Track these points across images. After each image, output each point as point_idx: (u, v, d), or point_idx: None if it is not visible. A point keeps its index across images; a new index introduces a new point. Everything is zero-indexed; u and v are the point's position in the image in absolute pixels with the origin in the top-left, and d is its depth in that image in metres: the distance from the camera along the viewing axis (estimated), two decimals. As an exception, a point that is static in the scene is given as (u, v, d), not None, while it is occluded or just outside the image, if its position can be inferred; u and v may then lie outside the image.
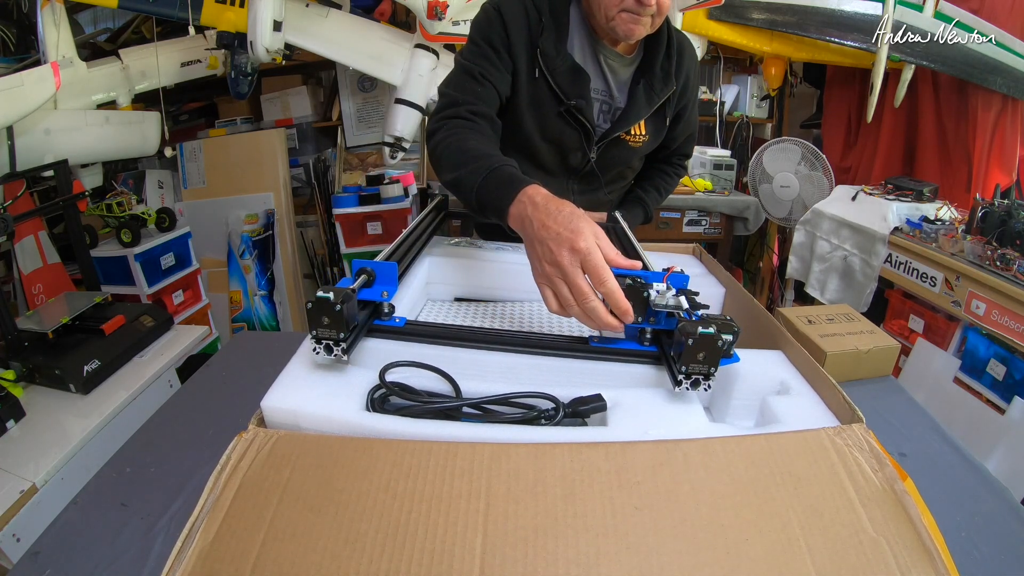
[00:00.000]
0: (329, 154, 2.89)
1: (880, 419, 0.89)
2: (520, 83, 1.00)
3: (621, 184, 1.23)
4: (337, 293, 0.53)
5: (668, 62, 1.04)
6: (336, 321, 0.53)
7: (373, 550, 0.39)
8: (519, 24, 0.98)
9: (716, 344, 0.52)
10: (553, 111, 1.01)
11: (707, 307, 0.58)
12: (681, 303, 0.57)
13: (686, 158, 1.31)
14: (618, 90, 1.06)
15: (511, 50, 0.98)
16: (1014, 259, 1.42)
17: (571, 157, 1.09)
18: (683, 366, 0.53)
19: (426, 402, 0.53)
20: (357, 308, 0.58)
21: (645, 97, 1.04)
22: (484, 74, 0.96)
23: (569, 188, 1.16)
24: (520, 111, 1.03)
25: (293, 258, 2.72)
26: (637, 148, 1.11)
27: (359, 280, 0.61)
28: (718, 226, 2.51)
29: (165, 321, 1.62)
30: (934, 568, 0.38)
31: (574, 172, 1.13)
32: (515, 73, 1.00)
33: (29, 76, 1.60)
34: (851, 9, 2.13)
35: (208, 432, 0.87)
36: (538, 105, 1.02)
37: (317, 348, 0.54)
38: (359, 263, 0.63)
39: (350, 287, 0.57)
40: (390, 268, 0.62)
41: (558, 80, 0.99)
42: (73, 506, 0.73)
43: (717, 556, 0.39)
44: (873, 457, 0.46)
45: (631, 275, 0.60)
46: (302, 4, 2.01)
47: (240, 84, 2.16)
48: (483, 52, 0.99)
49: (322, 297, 0.52)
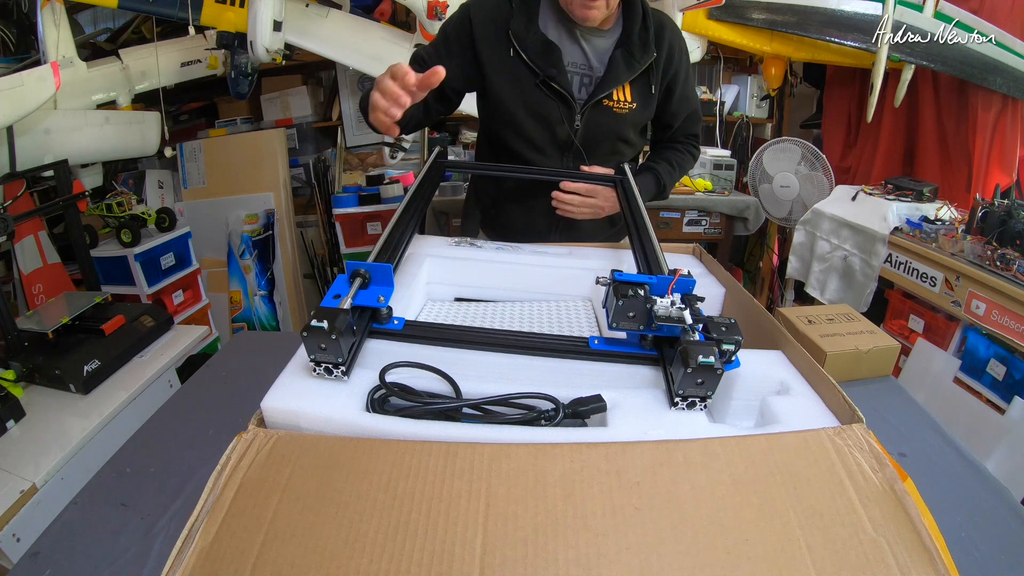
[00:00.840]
0: (329, 154, 2.89)
1: (880, 419, 0.89)
2: (494, 63, 1.11)
3: (617, 160, 1.23)
4: (331, 321, 0.51)
5: (645, 32, 1.11)
6: (332, 347, 0.52)
7: (373, 550, 0.39)
8: (488, 17, 1.10)
9: (715, 372, 0.51)
10: (531, 84, 1.10)
11: (711, 318, 0.57)
12: (684, 317, 0.56)
13: (695, 139, 1.31)
14: (598, 60, 1.13)
15: (474, 41, 1.10)
16: (1014, 259, 1.42)
17: (558, 130, 1.15)
18: (680, 389, 0.52)
19: (426, 403, 0.53)
20: (353, 327, 0.56)
21: (624, 63, 1.10)
22: (427, 60, 1.09)
23: (565, 166, 1.19)
24: (499, 87, 1.12)
25: (293, 258, 2.72)
26: (624, 116, 1.15)
27: (354, 286, 0.60)
28: (718, 226, 2.51)
29: (165, 321, 1.62)
30: (934, 568, 0.38)
31: (566, 147, 1.17)
32: (485, 57, 1.11)
33: (29, 76, 1.60)
34: (851, 9, 2.13)
35: (208, 432, 0.87)
36: (517, 80, 1.11)
37: (317, 369, 0.54)
38: (353, 264, 0.62)
39: (343, 302, 0.55)
40: (385, 269, 0.61)
41: (531, 55, 1.08)
42: (73, 506, 0.73)
43: (717, 556, 0.39)
44: (873, 457, 0.46)
45: (636, 281, 0.60)
46: (302, 4, 2.01)
47: (240, 84, 2.16)
48: (436, 44, 1.14)
49: (315, 327, 0.51)
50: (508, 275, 0.93)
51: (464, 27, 1.11)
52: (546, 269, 0.93)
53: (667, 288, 0.61)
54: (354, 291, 0.59)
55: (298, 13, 1.99)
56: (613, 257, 1.00)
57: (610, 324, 0.60)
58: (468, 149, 3.03)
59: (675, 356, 0.53)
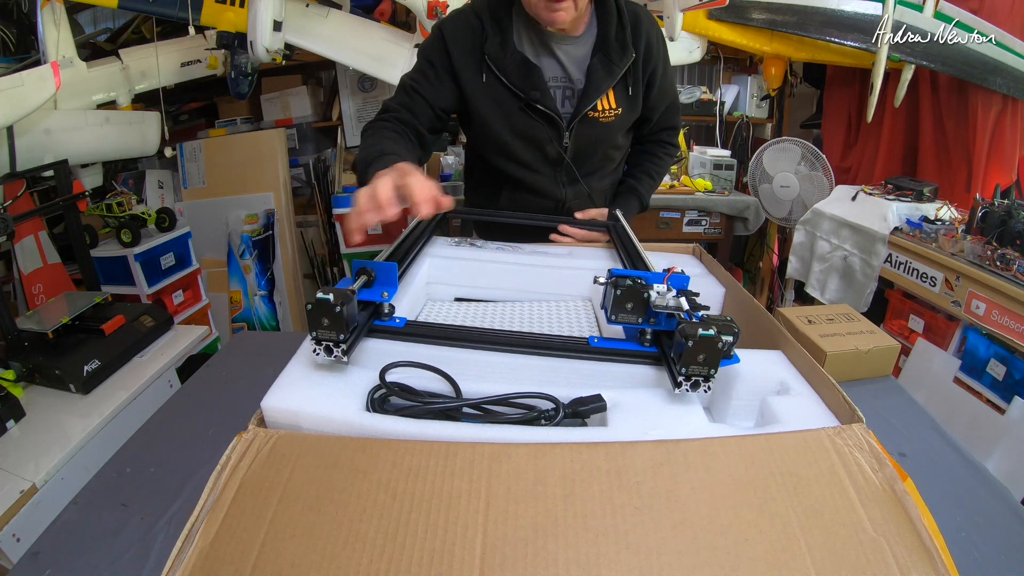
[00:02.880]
0: (329, 154, 2.89)
1: (880, 419, 0.89)
2: (475, 89, 1.07)
3: (611, 168, 1.22)
4: (337, 294, 0.53)
5: (623, 32, 1.07)
6: (336, 322, 0.53)
7: (373, 550, 0.39)
8: (461, 38, 1.06)
9: (716, 346, 0.52)
10: (515, 107, 1.07)
11: (707, 308, 0.58)
12: (681, 304, 0.57)
13: (674, 131, 1.28)
14: (577, 70, 1.09)
15: (452, 65, 1.06)
16: (1014, 259, 1.42)
17: (548, 148, 1.12)
18: (683, 367, 0.53)
19: (426, 402, 0.53)
20: (357, 309, 0.58)
21: (604, 70, 1.06)
22: (416, 88, 1.07)
23: (558, 181, 1.17)
24: (483, 113, 1.09)
25: (293, 258, 2.71)
26: (611, 124, 1.12)
27: (359, 281, 0.61)
28: (718, 226, 2.51)
29: (165, 321, 1.62)
30: (934, 568, 0.38)
31: (556, 164, 1.15)
32: (465, 82, 1.07)
33: (29, 76, 1.60)
34: (851, 9, 2.13)
35: (208, 432, 0.87)
36: (499, 104, 1.08)
37: (317, 349, 0.54)
38: (359, 263, 0.63)
39: (350, 288, 0.57)
40: (390, 268, 0.62)
41: (511, 78, 1.05)
42: (73, 506, 0.73)
43: (717, 556, 0.39)
44: (873, 457, 0.46)
45: (633, 275, 0.60)
46: (302, 4, 2.01)
47: (240, 84, 2.16)
48: (421, 68, 1.09)
49: (322, 299, 0.52)
50: (508, 275, 0.93)
51: (440, 50, 1.07)
52: (546, 269, 0.93)
53: (662, 279, 0.62)
54: (359, 285, 0.60)
55: (298, 13, 1.99)
56: (613, 258, 1.00)
57: (608, 318, 0.60)
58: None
59: (675, 340, 0.54)
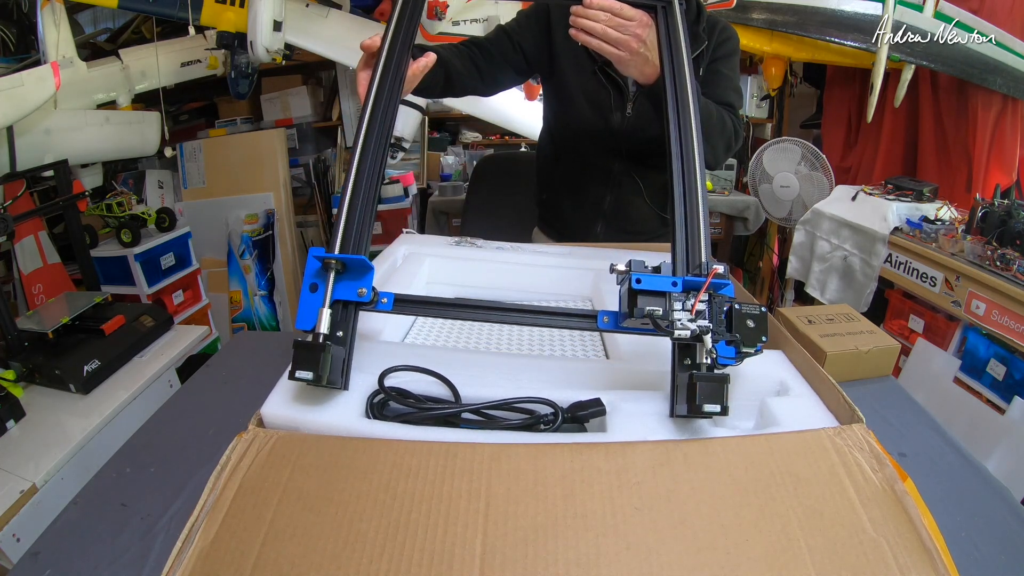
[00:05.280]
0: (329, 154, 2.89)
1: (880, 419, 0.89)
2: (562, 45, 1.17)
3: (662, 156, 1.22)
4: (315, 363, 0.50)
5: (696, 26, 1.14)
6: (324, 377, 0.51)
7: (373, 550, 0.39)
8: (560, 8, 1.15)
9: (724, 387, 0.49)
10: (589, 70, 1.16)
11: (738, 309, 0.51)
12: (706, 343, 0.50)
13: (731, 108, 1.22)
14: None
15: (550, 19, 1.17)
16: (1014, 259, 1.42)
17: (611, 117, 1.18)
18: (684, 407, 0.50)
19: (425, 408, 0.53)
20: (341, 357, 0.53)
21: None
22: (507, 30, 1.20)
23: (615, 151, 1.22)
24: (564, 72, 1.19)
25: (293, 258, 2.72)
26: None
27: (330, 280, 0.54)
28: (718, 226, 2.51)
29: (165, 321, 1.62)
30: (934, 568, 0.38)
31: (617, 134, 1.20)
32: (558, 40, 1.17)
33: (29, 76, 1.60)
34: (851, 9, 2.12)
35: (208, 432, 0.87)
36: (578, 64, 1.18)
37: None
38: (316, 251, 0.54)
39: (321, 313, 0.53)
40: (359, 262, 0.54)
41: None
42: (73, 506, 0.73)
43: (717, 556, 0.39)
44: (873, 457, 0.46)
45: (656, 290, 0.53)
46: (302, 4, 2.01)
47: (240, 84, 2.15)
48: (518, 19, 1.22)
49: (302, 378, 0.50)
50: (508, 275, 0.93)
51: (543, 7, 1.18)
52: (546, 269, 0.93)
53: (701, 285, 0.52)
54: (331, 286, 0.54)
55: (298, 13, 1.99)
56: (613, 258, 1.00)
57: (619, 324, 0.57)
58: (468, 149, 3.03)
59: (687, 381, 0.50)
